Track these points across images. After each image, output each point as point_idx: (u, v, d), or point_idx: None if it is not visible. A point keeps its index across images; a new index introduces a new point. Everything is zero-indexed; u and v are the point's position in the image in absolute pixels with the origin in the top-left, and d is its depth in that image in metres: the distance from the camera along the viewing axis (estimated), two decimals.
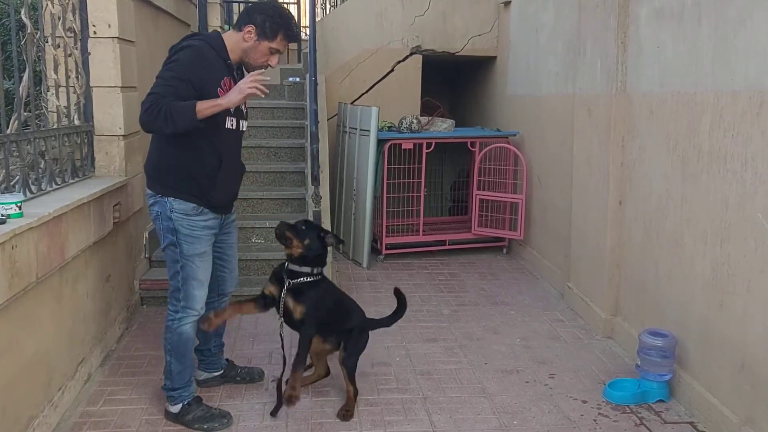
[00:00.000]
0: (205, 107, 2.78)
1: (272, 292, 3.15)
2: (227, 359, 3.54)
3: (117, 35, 3.97)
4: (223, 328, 3.43)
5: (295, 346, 3.16)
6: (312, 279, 3.11)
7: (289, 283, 3.09)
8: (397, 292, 3.48)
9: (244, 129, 3.14)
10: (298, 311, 3.09)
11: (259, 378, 3.52)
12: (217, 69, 2.92)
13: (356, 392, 3.23)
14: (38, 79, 3.80)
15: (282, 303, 3.09)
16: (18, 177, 3.14)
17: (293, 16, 3.13)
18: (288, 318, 3.12)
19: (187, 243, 2.98)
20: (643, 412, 3.29)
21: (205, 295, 3.10)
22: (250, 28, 2.95)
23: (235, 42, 2.98)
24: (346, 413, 3.16)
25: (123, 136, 4.11)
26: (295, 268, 3.10)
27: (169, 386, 3.11)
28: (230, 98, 2.84)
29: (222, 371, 3.49)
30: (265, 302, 3.17)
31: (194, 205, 2.97)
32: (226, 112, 2.94)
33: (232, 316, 3.29)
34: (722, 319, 3.04)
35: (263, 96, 2.88)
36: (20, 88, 3.32)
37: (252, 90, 2.81)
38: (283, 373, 3.21)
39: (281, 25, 2.97)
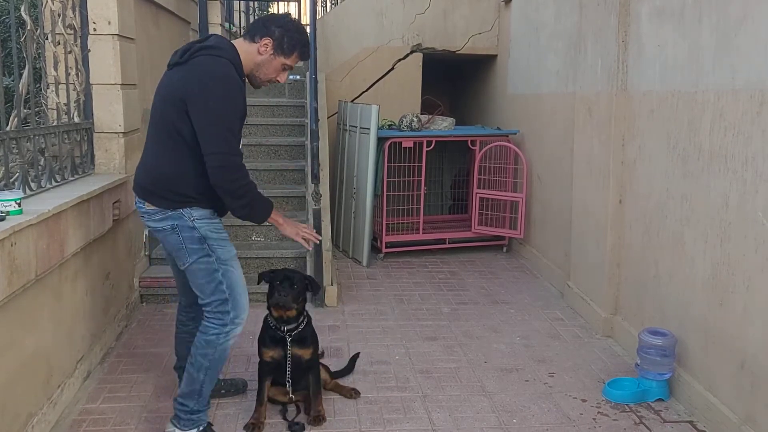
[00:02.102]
0: (272, 216, 2.86)
1: (274, 356, 3.08)
2: None
3: (117, 32, 3.97)
4: None
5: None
6: (306, 320, 3.13)
7: (290, 336, 3.05)
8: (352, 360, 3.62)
9: None
10: (308, 353, 3.12)
11: (244, 388, 3.38)
12: None
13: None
14: (38, 76, 3.80)
15: (289, 358, 3.05)
16: (18, 174, 3.14)
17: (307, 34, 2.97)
18: (296, 365, 3.08)
19: (221, 247, 2.78)
20: (642, 410, 3.29)
21: (248, 300, 2.91)
22: (267, 41, 2.77)
23: (249, 54, 2.79)
24: (354, 392, 3.37)
25: (123, 133, 4.11)
26: (293, 326, 3.06)
27: (192, 408, 2.84)
28: (286, 229, 2.93)
29: None
30: (271, 368, 3.10)
31: (210, 209, 2.80)
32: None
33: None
34: (722, 318, 3.04)
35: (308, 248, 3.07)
36: (20, 85, 3.31)
37: (302, 241, 2.96)
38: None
39: (299, 42, 2.83)
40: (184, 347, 3.08)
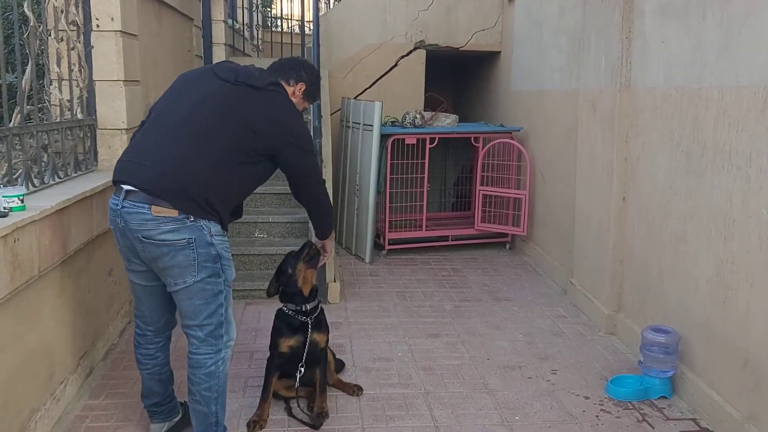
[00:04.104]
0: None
1: (292, 344, 3.07)
2: (180, 402, 3.04)
3: (120, 29, 3.96)
4: (169, 372, 2.98)
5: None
6: (320, 306, 3.17)
7: (311, 319, 3.08)
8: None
9: None
10: (323, 340, 3.15)
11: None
12: None
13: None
14: (41, 72, 3.80)
15: (308, 344, 3.05)
16: (21, 170, 3.14)
17: None
18: (311, 353, 3.08)
19: (229, 268, 2.64)
20: (645, 408, 3.29)
21: None
22: (302, 86, 2.88)
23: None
24: (356, 389, 3.39)
25: (125, 129, 4.11)
26: (313, 304, 3.10)
27: None
28: (328, 243, 3.16)
29: (181, 414, 2.99)
30: (283, 360, 3.08)
31: (221, 226, 2.63)
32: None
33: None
34: (725, 316, 3.03)
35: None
36: (23, 82, 3.32)
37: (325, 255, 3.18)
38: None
39: (318, 90, 2.99)
40: (157, 383, 2.90)
